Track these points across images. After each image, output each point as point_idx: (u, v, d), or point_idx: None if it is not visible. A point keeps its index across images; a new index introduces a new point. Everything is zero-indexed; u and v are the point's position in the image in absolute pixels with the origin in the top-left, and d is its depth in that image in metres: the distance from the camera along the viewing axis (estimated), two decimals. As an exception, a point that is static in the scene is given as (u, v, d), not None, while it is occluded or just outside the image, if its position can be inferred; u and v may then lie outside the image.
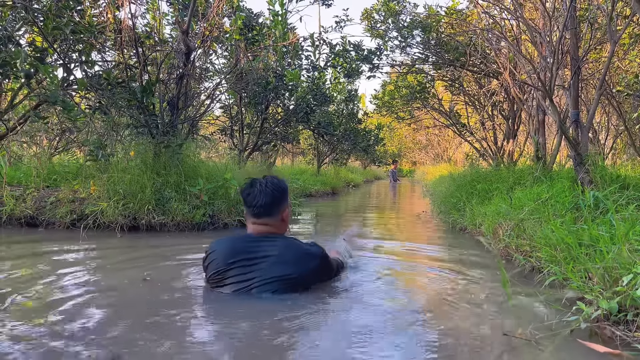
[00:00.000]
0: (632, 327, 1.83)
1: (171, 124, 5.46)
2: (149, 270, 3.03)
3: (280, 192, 2.48)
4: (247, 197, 2.46)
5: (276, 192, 2.46)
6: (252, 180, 2.50)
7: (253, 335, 1.85)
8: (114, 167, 5.01)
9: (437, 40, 7.15)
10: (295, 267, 2.37)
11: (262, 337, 1.81)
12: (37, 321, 1.96)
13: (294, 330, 1.91)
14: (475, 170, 7.24)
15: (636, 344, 1.72)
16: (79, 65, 5.22)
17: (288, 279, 2.33)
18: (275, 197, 2.45)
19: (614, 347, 1.74)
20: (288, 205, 2.56)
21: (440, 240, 4.64)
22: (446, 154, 22.58)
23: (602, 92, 4.79)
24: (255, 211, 2.44)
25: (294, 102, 8.34)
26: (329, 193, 11.92)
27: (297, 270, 2.37)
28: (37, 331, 1.84)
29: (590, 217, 2.94)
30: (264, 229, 2.47)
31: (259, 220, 2.46)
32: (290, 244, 2.45)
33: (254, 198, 2.43)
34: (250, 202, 2.44)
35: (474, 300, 2.42)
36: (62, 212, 4.67)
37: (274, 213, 2.46)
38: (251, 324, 1.95)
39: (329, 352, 1.70)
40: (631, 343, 1.74)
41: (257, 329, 1.91)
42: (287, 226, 2.61)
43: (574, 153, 3.63)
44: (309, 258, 2.45)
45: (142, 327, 1.94)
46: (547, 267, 2.52)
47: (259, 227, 2.47)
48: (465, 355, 1.70)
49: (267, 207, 2.43)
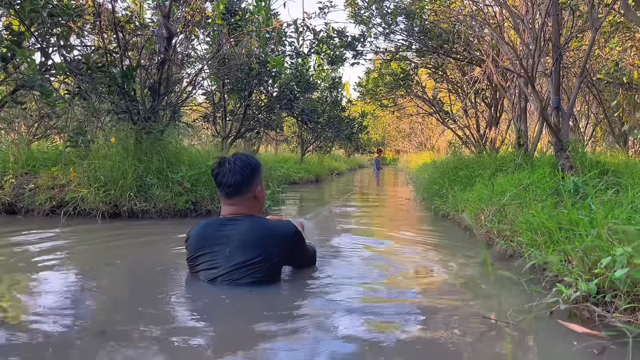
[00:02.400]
0: (611, 308, 1.86)
1: (153, 109, 5.38)
2: (129, 255, 3.01)
3: (251, 170, 2.36)
4: (216, 176, 2.36)
5: (246, 169, 2.34)
6: (221, 159, 2.39)
7: (220, 321, 1.85)
8: (94, 153, 4.93)
9: (420, 27, 7.14)
10: (259, 249, 2.22)
11: (232, 323, 1.81)
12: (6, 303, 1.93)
13: (270, 319, 1.90)
14: (457, 158, 7.28)
15: (614, 324, 1.75)
16: (57, 50, 5.10)
17: (252, 265, 2.19)
18: (245, 175, 2.33)
19: (593, 327, 1.77)
20: (261, 184, 2.44)
21: (421, 226, 4.67)
22: (429, 142, 22.68)
23: (583, 80, 4.84)
24: (225, 191, 2.34)
25: (277, 89, 8.28)
26: (312, 181, 11.92)
27: (261, 252, 2.22)
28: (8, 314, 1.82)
29: (570, 202, 2.97)
30: (234, 210, 2.36)
31: (230, 201, 2.36)
32: (255, 223, 2.31)
33: (223, 177, 2.33)
34: (220, 181, 2.34)
35: (454, 284, 2.45)
36: (42, 199, 4.59)
37: (245, 192, 2.34)
38: (220, 311, 1.95)
39: (308, 338, 1.70)
40: (609, 323, 1.77)
41: (225, 314, 1.90)
42: (262, 205, 2.48)
43: (554, 139, 3.67)
44: (276, 237, 2.30)
45: (117, 310, 1.93)
46: (528, 251, 2.55)
47: (230, 208, 2.36)
48: (445, 337, 1.71)
49: (237, 186, 2.32)
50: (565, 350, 1.63)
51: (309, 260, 2.58)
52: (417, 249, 3.33)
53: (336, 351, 1.55)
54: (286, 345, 1.61)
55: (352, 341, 1.63)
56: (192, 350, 1.54)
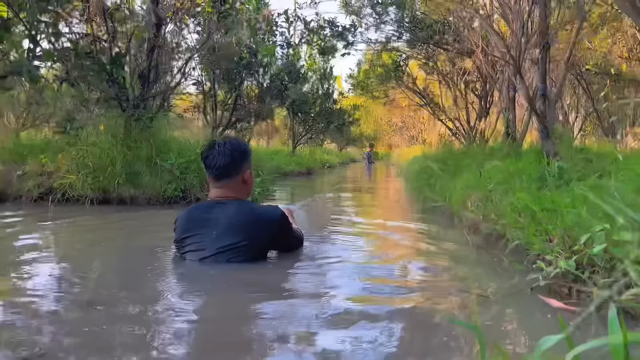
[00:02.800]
0: (589, 284, 1.89)
1: (142, 97, 5.37)
2: (117, 238, 3.02)
3: (240, 153, 2.37)
4: (206, 159, 2.35)
5: (235, 152, 2.34)
6: (212, 142, 2.40)
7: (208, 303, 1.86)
8: (83, 140, 4.92)
9: (411, 18, 7.15)
10: (245, 233, 2.24)
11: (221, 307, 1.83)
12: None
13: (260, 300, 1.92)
14: (448, 149, 7.33)
15: (592, 299, 1.78)
16: (46, 36, 5.07)
17: (238, 248, 2.20)
18: (235, 157, 2.33)
19: (571, 302, 1.81)
20: (250, 168, 2.44)
21: (410, 214, 4.70)
22: (421, 136, 22.75)
23: (570, 67, 4.88)
24: (214, 173, 2.33)
25: (268, 79, 8.28)
26: (304, 173, 11.94)
27: (248, 236, 2.23)
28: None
29: (554, 186, 3.02)
30: (222, 193, 2.35)
31: (218, 184, 2.35)
32: (242, 207, 2.31)
33: (212, 159, 2.32)
34: (209, 164, 2.33)
35: (440, 264, 2.48)
36: (30, 185, 4.58)
37: (233, 174, 2.34)
38: (207, 293, 1.96)
39: (294, 320, 1.72)
40: (588, 297, 1.81)
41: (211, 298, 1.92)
42: (250, 189, 2.49)
43: (541, 126, 3.71)
44: (262, 222, 2.31)
45: (104, 286, 1.94)
46: (511, 232, 2.58)
47: (219, 191, 2.36)
48: (430, 310, 1.74)
49: (226, 168, 2.31)
50: (541, 321, 1.66)
51: (295, 244, 2.56)
52: (404, 234, 3.37)
53: (326, 325, 1.57)
54: (272, 321, 1.63)
55: (342, 316, 1.65)
56: (174, 319, 1.56)
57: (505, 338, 1.49)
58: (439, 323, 1.60)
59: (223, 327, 1.55)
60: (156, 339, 1.41)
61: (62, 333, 1.44)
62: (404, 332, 1.51)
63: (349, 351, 1.35)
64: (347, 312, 1.67)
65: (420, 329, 1.55)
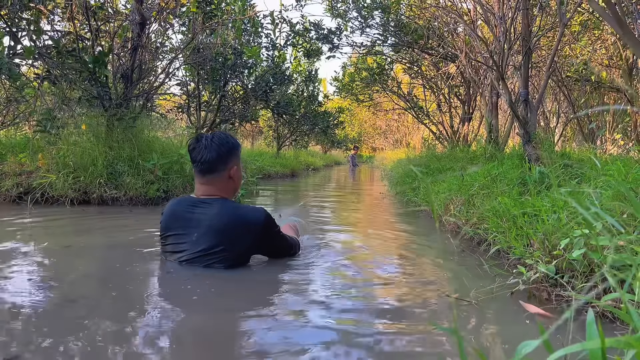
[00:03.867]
0: (568, 288, 1.92)
1: (125, 96, 5.31)
2: (99, 237, 2.97)
3: (228, 148, 2.28)
4: (192, 152, 2.28)
5: (223, 147, 2.26)
6: (199, 135, 2.33)
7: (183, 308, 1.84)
8: (64, 139, 4.85)
9: (396, 22, 7.19)
10: (226, 236, 2.16)
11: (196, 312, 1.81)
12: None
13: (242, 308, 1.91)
14: (431, 152, 7.38)
15: (570, 303, 1.81)
16: (27, 34, 5.00)
17: (216, 253, 2.14)
18: (222, 152, 2.26)
19: (550, 306, 1.83)
20: (238, 164, 2.35)
21: (393, 217, 4.72)
22: (405, 139, 22.86)
23: (552, 73, 4.95)
24: (200, 167, 2.26)
25: (253, 80, 8.25)
26: (288, 175, 11.92)
27: (228, 240, 2.16)
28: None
29: (535, 191, 3.05)
30: (207, 190, 2.28)
31: (203, 179, 2.28)
32: (225, 208, 2.21)
33: (198, 153, 2.25)
34: (195, 157, 2.26)
35: (421, 269, 2.49)
36: (8, 185, 4.49)
37: (219, 169, 2.26)
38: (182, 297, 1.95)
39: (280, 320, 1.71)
40: (567, 302, 1.83)
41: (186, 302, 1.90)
42: (237, 187, 2.39)
43: (522, 131, 3.75)
44: (244, 226, 2.20)
45: (86, 284, 1.91)
46: (493, 236, 2.61)
47: (204, 188, 2.29)
48: (410, 315, 1.74)
49: (212, 162, 2.24)
50: (520, 326, 1.68)
51: (284, 250, 2.44)
52: (387, 238, 3.37)
53: (307, 330, 1.56)
54: (259, 322, 1.62)
55: (324, 321, 1.65)
56: (155, 314, 1.54)
57: (485, 342, 1.50)
58: (419, 327, 1.61)
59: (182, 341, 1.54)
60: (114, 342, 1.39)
61: (35, 335, 1.41)
62: (384, 337, 1.51)
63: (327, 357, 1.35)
64: (324, 315, 1.67)
65: (401, 334, 1.55)
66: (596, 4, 2.43)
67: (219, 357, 1.37)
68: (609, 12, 2.59)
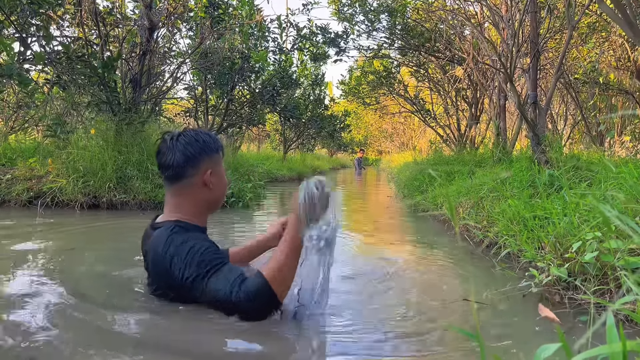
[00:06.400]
0: (581, 291, 1.91)
1: (133, 101, 5.34)
2: (109, 240, 2.99)
3: (198, 148, 1.78)
4: (157, 156, 1.83)
5: (190, 146, 1.76)
6: (164, 134, 1.84)
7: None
8: (73, 144, 4.89)
9: (403, 26, 7.20)
10: (154, 276, 1.74)
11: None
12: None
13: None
14: (438, 155, 7.37)
15: (585, 306, 1.80)
16: (37, 39, 5.05)
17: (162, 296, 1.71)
18: (189, 153, 1.75)
19: (563, 310, 1.82)
20: (215, 168, 1.83)
21: (401, 221, 4.71)
22: (412, 142, 22.84)
23: (560, 75, 4.94)
24: (165, 174, 1.79)
25: (260, 84, 8.28)
26: (295, 178, 11.94)
27: (156, 280, 1.72)
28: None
29: (545, 194, 3.04)
30: (173, 206, 1.80)
31: (171, 189, 1.80)
32: (155, 240, 1.70)
33: (162, 157, 1.79)
34: (159, 161, 1.81)
35: (434, 272, 2.49)
36: (19, 189, 4.53)
37: (187, 174, 1.76)
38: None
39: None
40: (579, 304, 1.82)
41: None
42: (217, 197, 1.86)
43: (531, 134, 3.74)
44: (158, 259, 1.66)
45: (97, 282, 1.92)
46: (503, 239, 2.60)
47: (170, 203, 1.81)
48: (424, 317, 1.74)
49: (177, 167, 1.74)
50: (536, 329, 1.67)
51: (213, 300, 1.56)
52: (396, 241, 3.37)
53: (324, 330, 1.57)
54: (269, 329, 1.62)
55: (336, 328, 1.66)
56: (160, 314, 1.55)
57: (501, 346, 1.49)
58: (434, 331, 1.61)
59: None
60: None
61: (39, 338, 1.42)
62: (399, 341, 1.51)
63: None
64: (336, 315, 1.68)
65: (416, 337, 1.55)
66: (606, 6, 2.42)
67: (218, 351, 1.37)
68: (619, 14, 2.58)
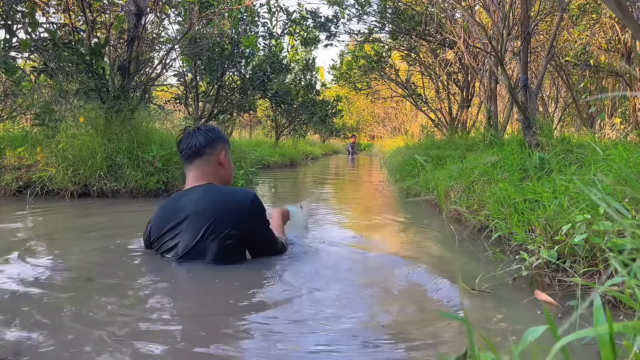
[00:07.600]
0: (570, 273, 1.92)
1: (122, 88, 5.28)
2: (103, 227, 2.97)
3: (215, 134, 2.26)
4: (179, 144, 2.25)
5: (209, 132, 2.25)
6: (186, 128, 2.31)
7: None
8: (62, 132, 4.84)
9: (393, 9, 7.15)
10: (211, 216, 2.05)
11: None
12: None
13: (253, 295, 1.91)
14: (430, 139, 7.37)
15: (574, 289, 1.81)
16: (22, 27, 4.96)
17: (203, 239, 2.04)
18: (208, 137, 2.23)
19: (552, 292, 1.84)
20: (227, 152, 2.30)
21: (393, 206, 4.73)
22: (404, 127, 22.84)
23: (551, 58, 4.93)
24: (187, 153, 2.20)
25: (250, 70, 8.22)
26: (287, 164, 11.92)
27: (214, 220, 2.04)
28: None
29: (535, 177, 3.05)
30: (195, 178, 2.21)
31: (192, 165, 2.21)
32: (209, 190, 2.14)
33: (185, 141, 2.23)
34: (182, 147, 2.23)
35: (424, 256, 2.50)
36: (7, 179, 4.49)
37: (207, 153, 2.21)
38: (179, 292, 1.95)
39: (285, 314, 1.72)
40: (569, 287, 1.84)
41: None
42: (228, 175, 2.32)
43: (522, 117, 3.75)
44: (228, 204, 2.10)
45: (101, 265, 1.91)
46: (494, 223, 2.61)
47: (191, 176, 2.22)
48: (415, 301, 1.75)
49: (198, 147, 2.19)
50: (525, 312, 1.68)
51: (269, 246, 2.25)
52: (387, 226, 3.38)
53: (318, 314, 1.57)
54: (261, 315, 1.62)
55: (330, 318, 1.66)
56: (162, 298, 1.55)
57: (491, 329, 1.50)
58: (426, 315, 1.62)
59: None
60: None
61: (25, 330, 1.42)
62: (390, 326, 1.52)
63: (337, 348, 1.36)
64: (326, 305, 1.68)
65: (407, 322, 1.56)
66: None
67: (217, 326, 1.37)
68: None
